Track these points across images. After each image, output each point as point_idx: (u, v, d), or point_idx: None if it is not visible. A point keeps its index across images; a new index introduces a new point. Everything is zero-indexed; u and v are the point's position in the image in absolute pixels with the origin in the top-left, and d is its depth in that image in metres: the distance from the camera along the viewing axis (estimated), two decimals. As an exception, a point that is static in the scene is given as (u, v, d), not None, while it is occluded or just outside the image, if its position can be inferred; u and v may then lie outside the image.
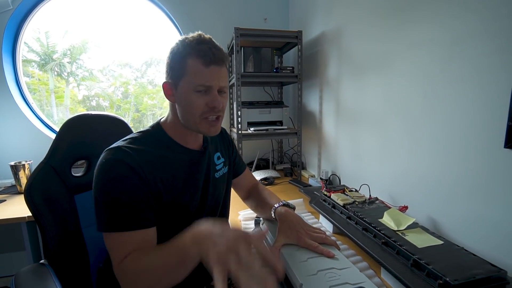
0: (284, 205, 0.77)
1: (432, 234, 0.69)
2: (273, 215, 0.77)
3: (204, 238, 0.45)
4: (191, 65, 0.61)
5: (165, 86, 0.66)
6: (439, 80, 0.78)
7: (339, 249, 0.67)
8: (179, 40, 0.64)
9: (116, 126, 0.94)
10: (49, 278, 0.64)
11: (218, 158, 0.81)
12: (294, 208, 0.78)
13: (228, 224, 0.80)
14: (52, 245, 0.73)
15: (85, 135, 0.85)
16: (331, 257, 0.63)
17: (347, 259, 0.63)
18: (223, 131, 0.90)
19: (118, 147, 0.59)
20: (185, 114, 0.65)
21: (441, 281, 0.52)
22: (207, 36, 0.64)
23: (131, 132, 0.95)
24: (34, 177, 0.73)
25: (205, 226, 0.48)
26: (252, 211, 1.02)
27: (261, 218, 0.90)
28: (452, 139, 0.75)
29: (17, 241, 1.63)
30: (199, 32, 0.64)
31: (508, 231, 0.63)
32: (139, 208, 0.56)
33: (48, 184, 0.76)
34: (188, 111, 0.64)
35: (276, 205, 0.77)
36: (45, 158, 0.77)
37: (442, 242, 0.65)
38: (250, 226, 0.94)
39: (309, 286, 0.53)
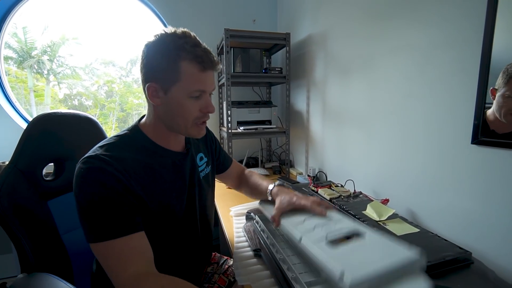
0: (278, 185, 0.81)
1: (410, 223, 0.76)
2: (269, 197, 0.80)
3: None
4: (186, 70, 0.57)
5: (150, 88, 0.59)
6: (417, 82, 0.85)
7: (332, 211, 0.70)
8: (167, 38, 0.58)
9: (87, 126, 0.89)
10: (56, 281, 0.60)
11: (201, 158, 0.80)
12: (285, 186, 0.82)
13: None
14: (31, 258, 0.68)
15: (54, 136, 0.79)
16: (325, 215, 0.66)
17: (340, 214, 0.67)
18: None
19: (96, 156, 0.55)
20: (175, 119, 0.62)
21: (416, 263, 0.58)
22: (193, 34, 0.60)
23: (102, 132, 0.92)
24: (2, 183, 0.66)
25: None
26: (243, 207, 1.07)
27: (251, 214, 0.94)
28: (428, 137, 0.82)
29: (3, 243, 1.57)
30: (184, 30, 0.59)
31: (474, 218, 0.70)
32: (125, 213, 0.54)
33: (17, 191, 0.68)
34: (180, 116, 0.61)
35: (270, 187, 0.80)
36: (11, 162, 0.69)
37: (418, 230, 0.71)
38: (241, 221, 0.98)
39: (308, 237, 0.57)
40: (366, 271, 0.44)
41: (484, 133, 0.65)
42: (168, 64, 0.57)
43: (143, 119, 0.68)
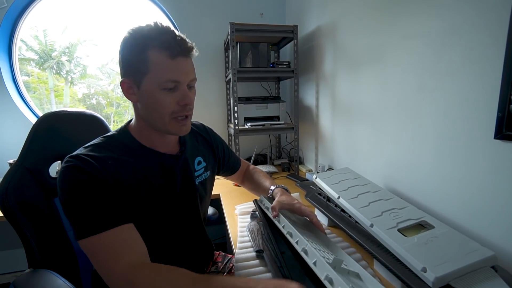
0: (280, 187, 0.84)
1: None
2: (270, 195, 0.83)
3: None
4: (154, 59, 0.54)
5: (123, 85, 0.58)
6: (433, 72, 0.78)
7: (324, 233, 0.71)
8: (133, 31, 0.55)
9: (93, 124, 0.90)
10: (54, 278, 0.61)
11: (199, 163, 0.75)
12: (288, 191, 0.84)
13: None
14: (38, 254, 0.69)
15: (60, 134, 0.80)
16: (323, 231, 0.69)
17: (403, 200, 0.73)
18: (209, 131, 0.85)
19: (76, 155, 0.55)
20: (151, 115, 0.59)
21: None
22: (165, 24, 0.57)
23: (107, 129, 0.91)
24: (9, 181, 0.67)
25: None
26: (248, 206, 1.04)
27: (256, 212, 0.91)
28: (445, 130, 0.76)
29: (16, 238, 1.64)
30: (156, 21, 0.57)
31: (496, 218, 0.64)
32: (107, 207, 0.52)
33: (24, 188, 0.70)
34: (156, 111, 0.58)
35: (272, 187, 0.83)
36: (18, 159, 0.71)
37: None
38: (246, 220, 0.95)
39: (379, 225, 0.61)
40: (447, 268, 0.48)
41: (509, 127, 0.58)
42: (136, 56, 0.55)
43: (132, 120, 0.65)
